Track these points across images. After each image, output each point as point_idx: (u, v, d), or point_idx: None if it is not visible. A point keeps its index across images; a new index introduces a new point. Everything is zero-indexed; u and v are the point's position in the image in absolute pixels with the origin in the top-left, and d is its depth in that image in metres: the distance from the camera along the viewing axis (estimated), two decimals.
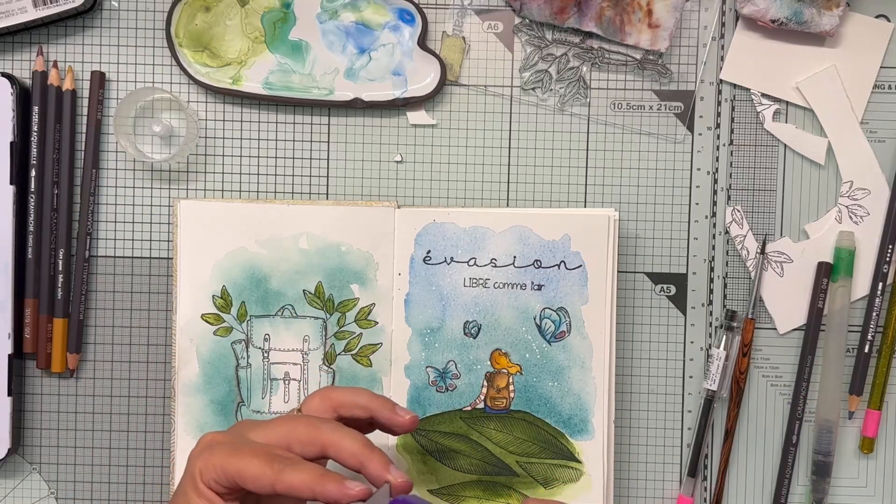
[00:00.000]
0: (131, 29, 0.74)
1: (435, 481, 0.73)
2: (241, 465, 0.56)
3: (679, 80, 0.74)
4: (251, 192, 0.75)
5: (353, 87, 0.74)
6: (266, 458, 0.56)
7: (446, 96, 0.75)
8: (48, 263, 0.73)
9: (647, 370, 0.75)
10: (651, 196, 0.75)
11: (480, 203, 0.75)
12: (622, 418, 0.75)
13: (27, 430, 0.75)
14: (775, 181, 0.75)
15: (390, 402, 0.62)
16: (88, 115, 0.74)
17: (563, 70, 0.74)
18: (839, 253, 0.74)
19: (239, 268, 0.73)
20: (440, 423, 0.73)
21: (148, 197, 0.75)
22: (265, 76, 0.74)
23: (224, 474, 0.57)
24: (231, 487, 0.57)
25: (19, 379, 0.74)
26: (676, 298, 0.75)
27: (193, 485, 0.58)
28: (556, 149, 0.75)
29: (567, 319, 0.73)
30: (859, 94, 0.74)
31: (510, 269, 0.72)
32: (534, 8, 0.72)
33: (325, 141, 0.75)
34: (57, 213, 0.73)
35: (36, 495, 0.75)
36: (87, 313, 0.75)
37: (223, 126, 0.75)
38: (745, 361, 0.74)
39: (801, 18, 0.72)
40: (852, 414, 0.75)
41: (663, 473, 0.75)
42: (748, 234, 0.75)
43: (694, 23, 0.74)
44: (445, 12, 0.74)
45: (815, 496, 0.75)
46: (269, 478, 0.55)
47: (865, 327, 0.74)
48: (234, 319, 0.73)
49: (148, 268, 0.75)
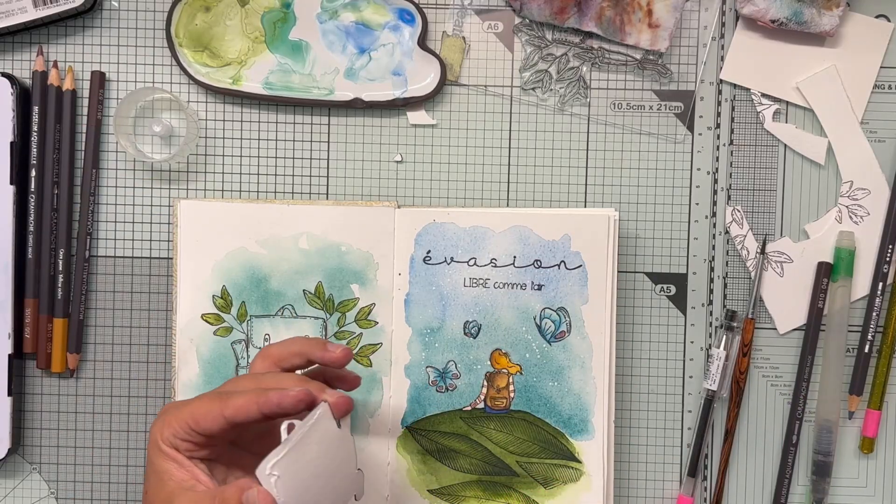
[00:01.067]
0: (131, 29, 0.74)
1: (435, 481, 0.73)
2: (192, 408, 0.59)
3: (679, 80, 0.74)
4: (251, 192, 0.75)
5: (353, 87, 0.74)
6: (213, 395, 0.61)
7: (446, 96, 0.75)
8: (48, 263, 0.73)
9: (647, 370, 0.75)
10: (651, 196, 0.75)
11: (480, 203, 0.75)
12: (622, 418, 0.75)
13: (27, 430, 0.75)
14: (775, 181, 0.75)
15: (321, 342, 0.64)
16: (88, 115, 0.74)
17: (563, 70, 0.74)
18: (839, 253, 0.74)
19: (239, 268, 0.73)
20: (440, 423, 0.73)
21: (148, 197, 0.75)
22: (265, 76, 0.74)
23: (179, 424, 0.59)
24: (191, 440, 0.59)
25: (19, 379, 0.74)
26: (676, 298, 0.75)
27: (156, 450, 0.60)
28: (556, 149, 0.75)
29: (567, 319, 0.73)
30: (859, 94, 0.74)
31: (510, 269, 0.72)
32: (534, 8, 0.72)
33: (325, 141, 0.75)
34: (57, 213, 0.73)
35: (36, 495, 0.75)
36: (87, 313, 0.75)
37: (223, 126, 0.75)
38: (745, 361, 0.74)
39: (801, 18, 0.72)
40: (852, 414, 0.75)
41: (663, 473, 0.75)
42: (748, 234, 0.75)
43: (694, 23, 0.74)
44: (445, 12, 0.74)
45: (815, 496, 0.75)
46: (218, 408, 0.59)
47: (865, 327, 0.74)
48: (235, 319, 0.73)
49: (148, 268, 0.75)
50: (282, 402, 0.58)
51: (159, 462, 0.60)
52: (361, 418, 0.73)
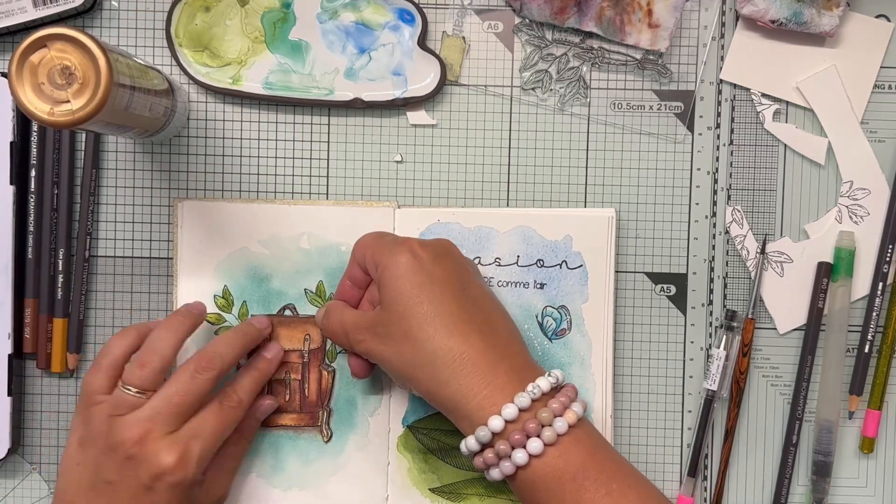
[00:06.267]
0: (131, 29, 0.74)
1: (437, 479, 0.73)
2: (209, 446, 0.66)
3: (679, 80, 0.74)
4: (251, 192, 0.75)
5: (353, 87, 0.74)
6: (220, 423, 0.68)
7: (446, 96, 0.75)
8: (48, 263, 0.73)
9: (646, 370, 0.75)
10: (651, 196, 0.75)
11: (481, 203, 0.75)
12: (622, 418, 0.75)
13: (27, 430, 0.75)
14: (775, 181, 0.75)
15: (240, 336, 0.70)
16: None
17: (563, 70, 0.74)
18: (839, 253, 0.74)
19: (241, 268, 0.73)
20: (442, 420, 0.73)
21: (148, 197, 0.75)
22: (265, 76, 0.74)
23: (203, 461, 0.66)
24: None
25: (19, 379, 0.74)
26: (676, 298, 0.75)
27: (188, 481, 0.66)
28: (556, 149, 0.75)
29: (568, 317, 0.73)
30: (859, 94, 0.74)
31: (514, 268, 0.73)
32: (534, 8, 0.72)
33: (325, 141, 0.75)
34: (57, 213, 0.73)
35: (36, 495, 0.75)
36: (87, 313, 0.75)
37: (223, 126, 0.75)
38: (745, 361, 0.74)
39: (801, 19, 0.72)
40: (852, 414, 0.75)
41: (663, 473, 0.75)
42: (748, 234, 0.75)
43: (694, 23, 0.74)
44: (445, 12, 0.74)
45: (815, 496, 0.75)
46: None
47: (865, 327, 0.74)
48: (236, 319, 0.73)
49: (148, 268, 0.75)
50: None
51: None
52: (361, 418, 0.73)
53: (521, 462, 0.61)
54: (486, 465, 0.62)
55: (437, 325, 0.62)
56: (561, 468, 0.61)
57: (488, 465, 0.62)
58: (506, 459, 0.61)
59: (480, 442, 0.62)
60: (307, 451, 0.73)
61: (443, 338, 0.62)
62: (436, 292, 0.63)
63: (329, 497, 0.73)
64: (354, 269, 0.69)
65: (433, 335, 0.62)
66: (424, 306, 0.62)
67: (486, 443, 0.62)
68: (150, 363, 0.64)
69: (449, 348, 0.62)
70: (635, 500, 0.61)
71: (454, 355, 0.62)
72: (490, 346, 0.62)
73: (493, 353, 0.62)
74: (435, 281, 0.63)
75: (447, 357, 0.62)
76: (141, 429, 0.63)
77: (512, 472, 0.61)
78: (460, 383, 0.61)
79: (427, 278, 0.63)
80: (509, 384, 0.62)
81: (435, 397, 0.63)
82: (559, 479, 0.61)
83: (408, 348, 0.63)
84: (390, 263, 0.64)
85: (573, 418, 0.61)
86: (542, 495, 0.61)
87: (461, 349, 0.62)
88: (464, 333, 0.62)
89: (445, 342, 0.62)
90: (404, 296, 0.63)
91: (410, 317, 0.63)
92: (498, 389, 0.61)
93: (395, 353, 0.63)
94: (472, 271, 0.68)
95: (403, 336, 0.63)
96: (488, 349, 0.62)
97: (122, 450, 0.63)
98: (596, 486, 0.60)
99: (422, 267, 0.64)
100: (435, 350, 0.62)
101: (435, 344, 0.62)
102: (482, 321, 0.64)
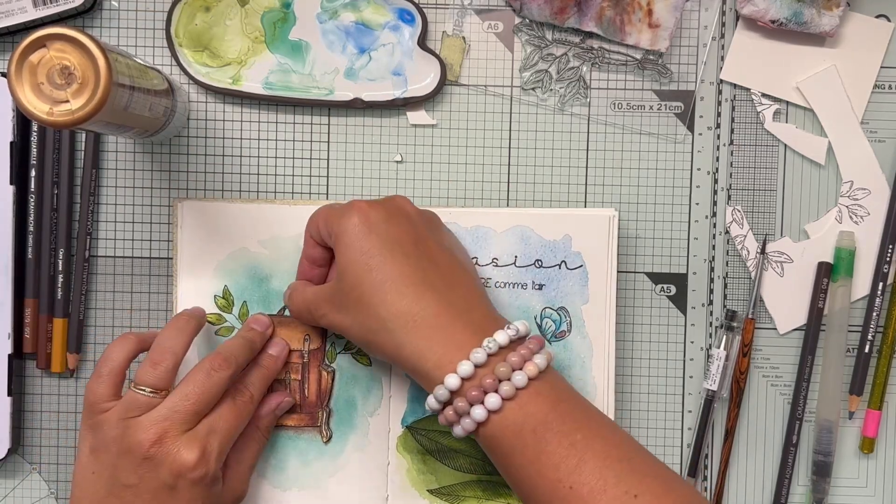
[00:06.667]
0: (131, 29, 0.74)
1: (435, 481, 0.73)
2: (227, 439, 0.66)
3: (679, 80, 0.74)
4: (251, 192, 0.75)
5: (353, 87, 0.74)
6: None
7: (446, 96, 0.75)
8: (48, 263, 0.73)
9: (647, 370, 0.75)
10: (651, 196, 0.75)
11: (480, 203, 0.75)
12: (622, 418, 0.75)
13: (27, 430, 0.75)
14: (775, 181, 0.75)
15: (247, 342, 0.70)
16: None
17: (563, 70, 0.74)
18: (839, 253, 0.74)
19: (241, 268, 0.73)
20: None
21: (148, 197, 0.75)
22: (265, 76, 0.74)
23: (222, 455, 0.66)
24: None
25: (19, 379, 0.74)
26: (676, 298, 0.75)
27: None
28: (556, 149, 0.75)
29: (567, 319, 0.73)
30: (859, 94, 0.74)
31: (511, 269, 0.72)
32: (534, 8, 0.72)
33: (325, 141, 0.75)
34: (57, 213, 0.73)
35: (36, 495, 0.75)
36: (87, 313, 0.75)
37: (223, 126, 0.75)
38: (746, 361, 0.74)
39: (801, 19, 0.72)
40: (852, 414, 0.75)
41: None
42: (748, 234, 0.75)
43: (694, 23, 0.74)
44: (445, 12, 0.74)
45: (815, 496, 0.75)
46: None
47: (865, 327, 0.74)
48: (236, 319, 0.73)
49: (148, 268, 0.75)
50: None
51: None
52: (361, 418, 0.73)
53: (481, 418, 0.60)
54: (448, 422, 0.62)
55: (387, 289, 0.62)
56: (520, 422, 0.60)
57: (450, 422, 0.62)
58: (465, 416, 0.61)
59: (440, 401, 0.61)
60: (307, 451, 0.73)
61: (394, 301, 0.62)
62: (385, 255, 0.62)
63: (329, 497, 0.73)
64: (311, 248, 0.69)
65: (384, 299, 0.62)
66: (373, 272, 0.62)
67: (445, 401, 0.61)
68: (163, 362, 0.64)
69: (401, 311, 0.61)
70: (601, 449, 0.59)
71: (407, 318, 0.61)
72: (446, 303, 0.62)
73: (451, 310, 0.62)
74: (385, 242, 0.63)
75: (401, 320, 0.61)
76: (158, 429, 0.63)
77: (473, 429, 0.61)
78: (417, 345, 0.61)
79: (377, 240, 0.63)
80: (468, 341, 0.61)
81: (396, 360, 0.63)
82: (518, 432, 0.60)
83: (363, 316, 0.62)
84: (341, 231, 0.64)
85: (533, 371, 0.60)
86: (505, 450, 0.60)
87: (414, 310, 0.61)
88: (416, 294, 0.62)
89: (397, 305, 0.61)
90: (354, 263, 0.63)
91: (361, 284, 0.62)
92: (455, 347, 0.61)
93: (354, 321, 0.63)
94: (430, 226, 0.67)
95: (357, 303, 0.63)
96: (444, 307, 0.62)
97: (139, 451, 0.62)
98: (559, 437, 0.59)
99: (371, 230, 0.63)
100: (389, 314, 0.62)
101: (388, 308, 0.62)
102: (437, 278, 0.63)
